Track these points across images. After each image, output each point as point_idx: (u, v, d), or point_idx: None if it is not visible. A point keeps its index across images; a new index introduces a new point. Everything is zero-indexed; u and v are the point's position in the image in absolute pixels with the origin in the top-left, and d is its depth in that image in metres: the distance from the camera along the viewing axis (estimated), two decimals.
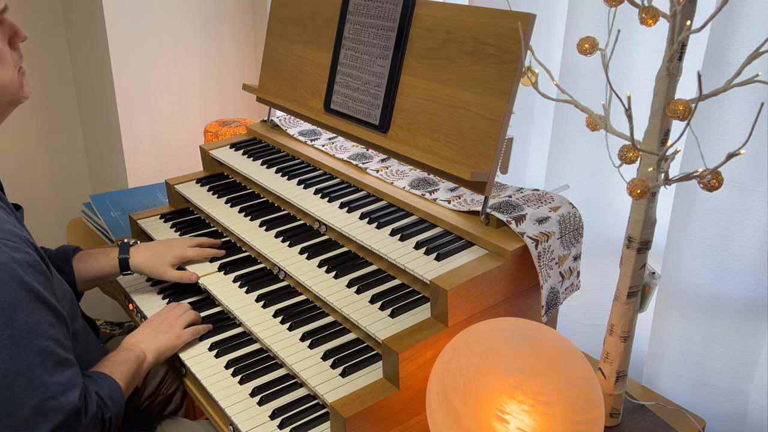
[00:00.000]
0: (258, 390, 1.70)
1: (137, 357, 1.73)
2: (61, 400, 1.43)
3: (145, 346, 1.78)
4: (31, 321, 1.41)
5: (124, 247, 2.02)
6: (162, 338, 1.81)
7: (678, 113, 1.29)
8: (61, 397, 1.43)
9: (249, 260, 2.09)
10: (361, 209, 1.93)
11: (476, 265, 1.64)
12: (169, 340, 1.81)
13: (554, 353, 1.37)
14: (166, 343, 1.80)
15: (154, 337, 1.81)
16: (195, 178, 2.42)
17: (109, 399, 1.57)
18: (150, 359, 1.76)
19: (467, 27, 1.74)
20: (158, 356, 1.78)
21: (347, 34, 2.07)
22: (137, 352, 1.74)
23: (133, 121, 3.01)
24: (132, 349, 1.75)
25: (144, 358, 1.75)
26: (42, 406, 1.40)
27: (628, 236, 1.50)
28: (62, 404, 1.42)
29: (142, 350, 1.76)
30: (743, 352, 1.77)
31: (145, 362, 1.75)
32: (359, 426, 1.51)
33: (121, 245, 2.04)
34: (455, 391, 1.36)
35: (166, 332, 1.82)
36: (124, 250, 2.01)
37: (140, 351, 1.75)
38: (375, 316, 1.66)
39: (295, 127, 2.42)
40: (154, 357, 1.77)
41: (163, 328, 1.83)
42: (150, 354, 1.77)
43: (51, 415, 1.41)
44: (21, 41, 1.62)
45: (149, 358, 1.76)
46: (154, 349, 1.78)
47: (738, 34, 1.59)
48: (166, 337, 1.81)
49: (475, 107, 1.71)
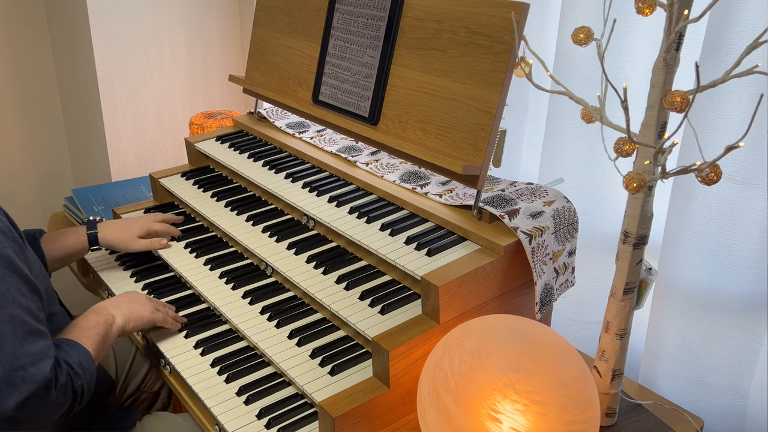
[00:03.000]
0: (245, 389, 1.69)
1: (106, 320, 1.71)
2: (31, 371, 1.41)
3: (114, 310, 1.76)
4: (1, 288, 1.40)
5: (92, 224, 2.09)
6: (136, 306, 1.80)
7: (675, 105, 1.29)
8: (31, 368, 1.41)
9: (235, 256, 2.09)
10: (351, 203, 1.92)
11: (468, 260, 1.64)
12: (141, 310, 1.80)
13: (548, 351, 1.37)
14: (138, 311, 1.79)
15: (126, 302, 1.81)
16: (180, 172, 2.42)
17: (79, 367, 1.55)
18: (119, 323, 1.74)
19: (459, 16, 1.74)
20: (127, 320, 1.76)
21: (336, 24, 2.06)
22: (105, 315, 1.73)
23: (117, 112, 2.99)
24: (100, 312, 1.74)
25: (113, 321, 1.73)
26: (10, 377, 1.38)
27: (624, 231, 1.50)
28: (32, 375, 1.41)
29: (111, 313, 1.75)
30: (742, 350, 1.77)
31: (114, 325, 1.73)
32: (348, 426, 1.50)
33: (88, 222, 2.10)
34: (447, 389, 1.36)
35: (140, 303, 1.82)
36: (92, 226, 2.08)
37: (109, 314, 1.74)
38: (365, 313, 1.66)
39: (283, 119, 2.42)
40: (123, 320, 1.75)
41: (138, 300, 1.83)
42: (119, 317, 1.75)
43: (19, 386, 1.39)
44: None
45: (118, 321, 1.74)
46: (125, 314, 1.77)
47: (737, 23, 1.58)
48: (139, 306, 1.81)
49: (467, 99, 1.71)
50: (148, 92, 3.06)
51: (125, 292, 1.88)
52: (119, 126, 3.02)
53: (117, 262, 2.20)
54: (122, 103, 3.00)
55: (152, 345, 1.88)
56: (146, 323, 1.81)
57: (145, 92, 3.06)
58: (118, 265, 2.19)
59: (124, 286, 2.09)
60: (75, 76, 3.11)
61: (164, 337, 1.88)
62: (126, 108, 3.02)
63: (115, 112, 2.99)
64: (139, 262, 2.19)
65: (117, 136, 3.03)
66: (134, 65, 2.99)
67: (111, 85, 2.94)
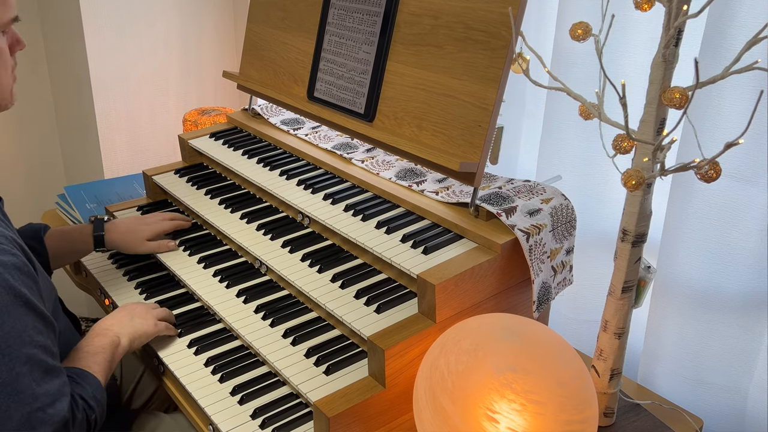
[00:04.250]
0: (239, 388, 1.69)
1: (112, 342, 1.70)
2: (49, 412, 1.39)
3: (119, 330, 1.75)
4: (17, 327, 1.37)
5: (99, 224, 2.06)
6: (138, 322, 1.79)
7: (674, 101, 1.28)
8: (50, 409, 1.40)
9: (229, 254, 2.08)
10: (346, 201, 1.92)
11: (465, 258, 1.64)
12: (144, 325, 1.79)
13: (546, 350, 1.37)
14: (142, 327, 1.78)
15: (129, 320, 1.79)
16: (173, 169, 2.41)
17: (93, 400, 1.55)
18: (124, 343, 1.73)
19: (456, 12, 1.73)
20: (132, 341, 1.75)
21: (331, 19, 2.05)
22: (111, 337, 1.72)
23: (110, 109, 2.98)
24: (106, 334, 1.72)
25: (118, 342, 1.72)
26: (29, 419, 1.37)
27: (622, 229, 1.50)
28: (50, 416, 1.39)
29: (116, 334, 1.73)
30: (742, 349, 1.77)
31: (120, 347, 1.72)
32: (344, 426, 1.50)
33: (95, 222, 2.07)
34: (443, 389, 1.35)
35: (141, 317, 1.80)
36: (99, 227, 2.05)
37: (114, 335, 1.72)
38: (360, 311, 1.66)
39: (278, 115, 2.41)
40: (128, 341, 1.74)
41: (138, 313, 1.81)
42: (124, 338, 1.74)
43: (38, 428, 1.38)
44: (20, 49, 1.62)
45: (123, 342, 1.73)
46: (129, 333, 1.75)
47: (737, 19, 1.58)
48: (141, 321, 1.79)
49: (463, 95, 1.71)
50: (141, 89, 3.06)
51: (123, 306, 1.86)
52: (112, 123, 3.01)
53: (110, 260, 2.20)
54: (115, 99, 2.99)
55: (146, 345, 1.87)
56: (150, 337, 1.81)
57: (138, 89, 3.05)
58: (111, 263, 2.19)
59: (118, 284, 2.08)
60: (67, 73, 3.10)
61: (157, 337, 1.87)
62: (119, 104, 3.01)
63: (108, 108, 2.98)
64: (132, 261, 2.18)
65: (110, 133, 3.02)
66: (127, 61, 2.99)
67: (104, 81, 2.93)
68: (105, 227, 2.05)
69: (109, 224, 2.07)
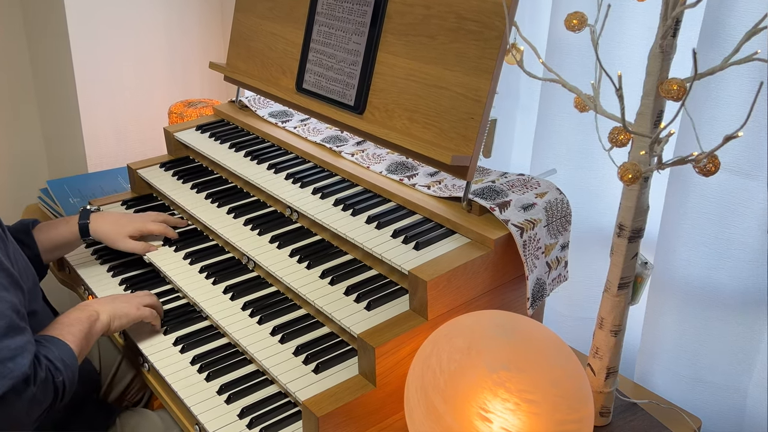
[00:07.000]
0: (226, 387, 1.68)
1: (89, 316, 1.71)
2: (9, 366, 1.41)
3: (98, 306, 1.76)
4: None
5: (85, 213, 2.08)
6: (119, 303, 1.80)
7: (672, 93, 1.28)
8: (10, 363, 1.42)
9: (216, 249, 2.08)
10: (335, 195, 1.92)
11: (458, 254, 1.63)
12: (126, 307, 1.80)
13: (540, 348, 1.37)
14: (123, 308, 1.79)
15: (111, 300, 1.80)
16: (159, 163, 2.41)
17: (60, 362, 1.56)
18: (104, 319, 1.74)
19: (448, 2, 1.73)
20: (112, 319, 1.76)
21: (321, 9, 2.05)
22: (89, 312, 1.73)
23: (93, 101, 2.97)
24: (84, 309, 1.74)
25: (97, 317, 1.73)
26: None
27: (619, 224, 1.50)
28: (10, 369, 1.41)
29: (95, 310, 1.74)
30: (741, 347, 1.77)
31: (98, 322, 1.73)
32: (333, 425, 1.50)
33: (82, 211, 2.08)
34: (435, 388, 1.35)
35: (125, 301, 1.82)
36: (84, 216, 2.07)
37: (93, 310, 1.74)
38: (350, 308, 1.66)
39: (266, 108, 2.41)
40: (107, 317, 1.75)
41: (122, 298, 1.83)
42: (104, 314, 1.75)
43: None
44: None
45: (102, 317, 1.74)
46: (109, 310, 1.76)
47: (736, 9, 1.58)
48: (123, 304, 1.80)
49: (456, 87, 1.70)
50: (125, 80, 3.04)
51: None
52: (96, 115, 3.00)
53: (94, 256, 2.19)
54: (99, 91, 2.98)
55: (130, 342, 1.87)
56: (132, 320, 1.81)
57: (123, 80, 3.04)
58: (94, 259, 2.18)
59: (101, 280, 2.08)
60: (50, 63, 3.09)
61: (143, 333, 1.87)
62: (103, 96, 3.00)
63: (91, 100, 2.97)
64: (117, 256, 2.17)
65: (93, 126, 3.01)
66: (111, 51, 2.97)
67: (87, 72, 2.92)
68: (90, 216, 2.06)
69: (95, 214, 2.08)
